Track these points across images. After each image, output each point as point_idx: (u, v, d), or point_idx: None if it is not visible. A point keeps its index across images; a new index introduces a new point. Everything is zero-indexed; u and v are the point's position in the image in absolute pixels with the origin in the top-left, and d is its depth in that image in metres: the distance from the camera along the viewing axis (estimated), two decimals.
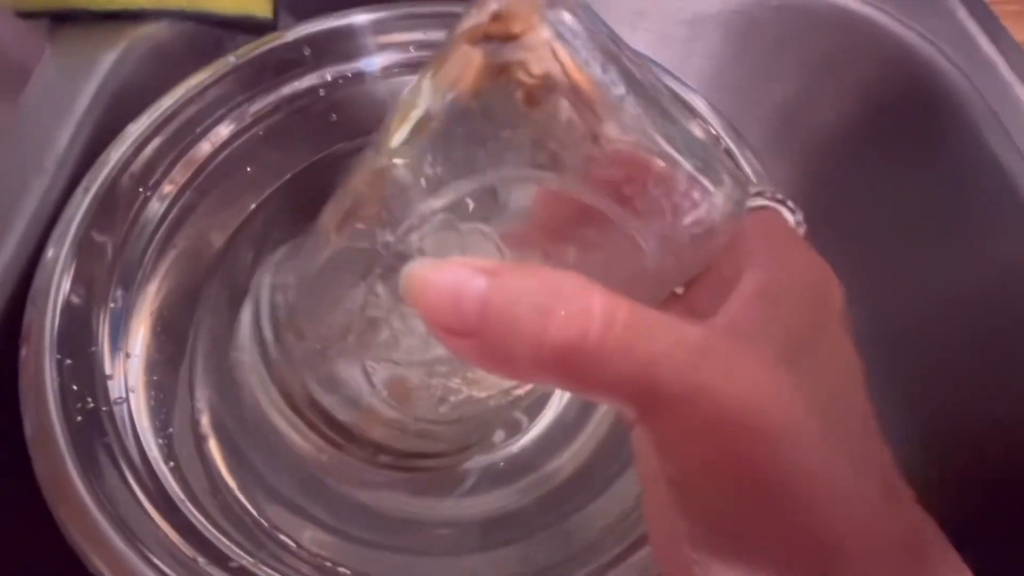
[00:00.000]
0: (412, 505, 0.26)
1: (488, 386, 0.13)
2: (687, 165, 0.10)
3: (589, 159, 0.10)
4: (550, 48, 0.10)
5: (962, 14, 0.30)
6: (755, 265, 0.11)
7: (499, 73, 0.10)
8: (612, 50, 0.10)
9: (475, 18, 0.10)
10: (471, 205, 0.11)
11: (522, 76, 0.10)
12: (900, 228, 0.29)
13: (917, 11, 0.29)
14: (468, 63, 0.10)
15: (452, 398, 0.13)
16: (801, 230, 0.13)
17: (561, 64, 0.10)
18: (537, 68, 0.10)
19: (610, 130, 0.10)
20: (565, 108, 0.10)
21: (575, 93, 0.10)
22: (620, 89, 0.10)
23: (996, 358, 0.25)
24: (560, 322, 0.08)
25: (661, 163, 0.10)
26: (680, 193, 0.10)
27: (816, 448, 0.09)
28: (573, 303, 0.08)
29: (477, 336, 0.08)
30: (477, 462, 0.27)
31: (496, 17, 0.10)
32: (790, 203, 0.13)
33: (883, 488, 0.09)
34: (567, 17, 0.10)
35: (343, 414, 0.15)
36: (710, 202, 0.10)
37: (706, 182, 0.10)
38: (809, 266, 0.11)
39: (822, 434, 0.09)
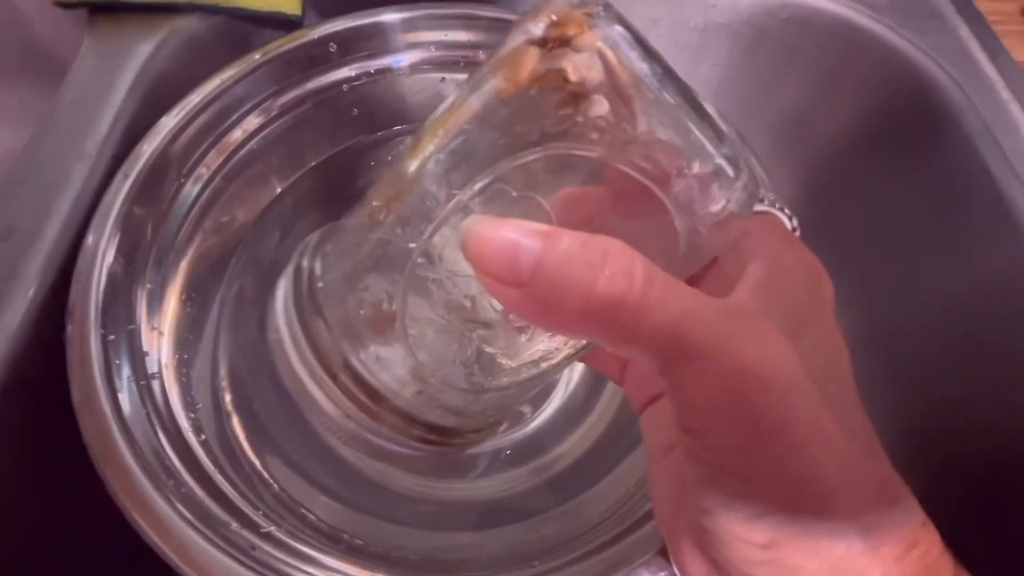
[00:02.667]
0: (425, 486, 0.27)
1: (519, 355, 0.14)
2: (717, 156, 0.11)
3: (627, 146, 0.11)
4: (598, 48, 0.11)
5: (964, 32, 0.31)
6: (758, 259, 0.12)
7: (548, 75, 0.11)
8: (653, 50, 0.11)
9: (534, 21, 0.11)
10: (521, 177, 0.12)
11: (565, 77, 0.11)
12: (895, 234, 0.31)
13: (921, 27, 0.30)
14: (525, 60, 0.11)
15: (483, 364, 0.14)
16: (797, 234, 0.14)
17: (607, 62, 0.11)
18: (574, 75, 0.11)
19: (642, 123, 0.11)
20: (603, 104, 0.11)
21: (615, 90, 0.11)
22: (660, 83, 0.11)
23: (983, 359, 0.27)
24: (607, 279, 0.09)
25: (695, 152, 0.11)
26: (710, 181, 0.11)
27: (813, 404, 0.10)
28: (619, 264, 0.09)
29: (528, 287, 0.10)
30: (486, 448, 0.29)
31: (554, 23, 0.11)
32: (787, 210, 0.14)
33: (863, 445, 0.11)
34: (615, 23, 0.11)
35: (376, 378, 0.15)
36: (733, 191, 0.11)
37: (731, 172, 0.11)
38: (804, 262, 0.13)
39: (817, 395, 0.10)
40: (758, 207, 0.15)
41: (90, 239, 0.21)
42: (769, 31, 0.32)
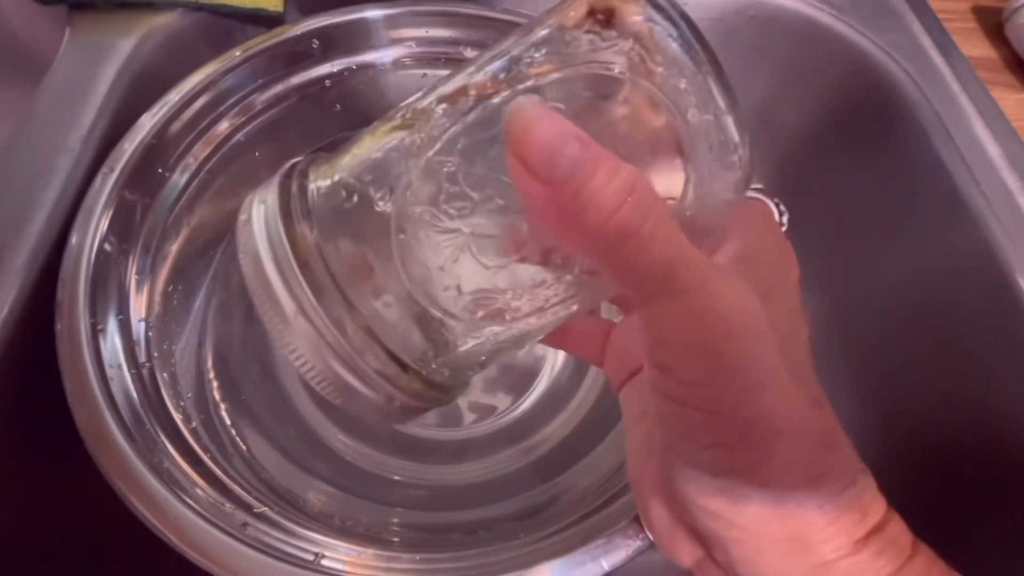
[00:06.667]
0: (414, 470, 0.28)
1: (518, 284, 0.14)
2: (732, 117, 0.12)
3: (650, 75, 0.12)
4: (638, 21, 0.12)
5: (917, 28, 0.33)
6: (736, 235, 0.14)
7: (599, 15, 0.12)
8: (687, 16, 0.12)
9: None
10: (549, 92, 0.12)
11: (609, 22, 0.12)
12: (856, 219, 0.32)
13: (878, 25, 0.32)
14: (578, 5, 0.12)
15: (462, 273, 0.13)
16: (783, 222, 0.15)
17: (641, 38, 0.12)
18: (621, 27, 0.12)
19: (664, 67, 0.12)
20: (631, 51, 0.12)
21: (638, 40, 0.12)
22: (688, 44, 0.12)
23: (936, 338, 0.28)
24: (628, 208, 0.10)
25: (711, 107, 0.12)
26: (725, 141, 0.12)
27: (772, 355, 0.11)
28: (643, 198, 0.10)
29: (555, 189, 0.10)
30: (475, 434, 0.29)
31: None
32: (781, 205, 0.15)
33: (812, 399, 0.12)
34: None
35: (345, 278, 0.13)
36: (742, 154, 0.12)
37: (737, 138, 0.12)
38: (777, 243, 0.14)
39: (776, 349, 0.11)
40: (752, 193, 0.16)
41: (76, 232, 0.22)
42: (737, 28, 0.33)
